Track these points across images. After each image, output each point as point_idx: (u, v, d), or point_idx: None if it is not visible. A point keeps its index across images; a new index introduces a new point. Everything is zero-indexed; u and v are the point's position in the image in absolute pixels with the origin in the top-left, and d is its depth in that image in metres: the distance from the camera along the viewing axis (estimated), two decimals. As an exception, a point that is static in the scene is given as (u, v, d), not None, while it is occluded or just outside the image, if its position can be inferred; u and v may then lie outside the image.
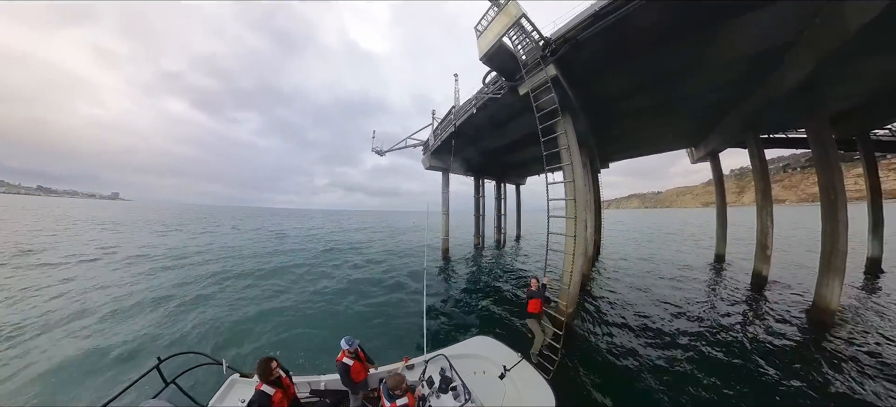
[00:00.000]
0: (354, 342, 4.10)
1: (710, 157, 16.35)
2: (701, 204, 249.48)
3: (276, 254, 20.27)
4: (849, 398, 5.24)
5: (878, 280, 12.13)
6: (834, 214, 7.93)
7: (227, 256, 19.00)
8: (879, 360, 6.34)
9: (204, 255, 19.08)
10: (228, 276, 13.89)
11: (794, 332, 7.76)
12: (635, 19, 6.37)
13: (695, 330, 8.00)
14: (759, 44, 7.41)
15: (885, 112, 12.21)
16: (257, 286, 12.50)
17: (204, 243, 24.52)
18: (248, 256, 18.93)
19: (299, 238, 30.55)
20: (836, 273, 7.88)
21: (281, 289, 12.30)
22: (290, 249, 22.43)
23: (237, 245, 24.02)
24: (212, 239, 27.80)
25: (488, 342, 4.96)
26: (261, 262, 17.25)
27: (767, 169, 12.08)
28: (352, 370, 3.99)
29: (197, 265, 16.01)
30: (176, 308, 9.74)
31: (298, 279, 13.79)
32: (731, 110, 11.83)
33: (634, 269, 15.72)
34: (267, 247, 23.55)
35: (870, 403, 5.12)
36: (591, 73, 8.56)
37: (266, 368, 3.49)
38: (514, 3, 7.34)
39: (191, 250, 20.61)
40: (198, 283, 12.67)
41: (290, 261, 17.72)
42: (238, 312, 9.48)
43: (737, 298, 10.56)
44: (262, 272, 14.71)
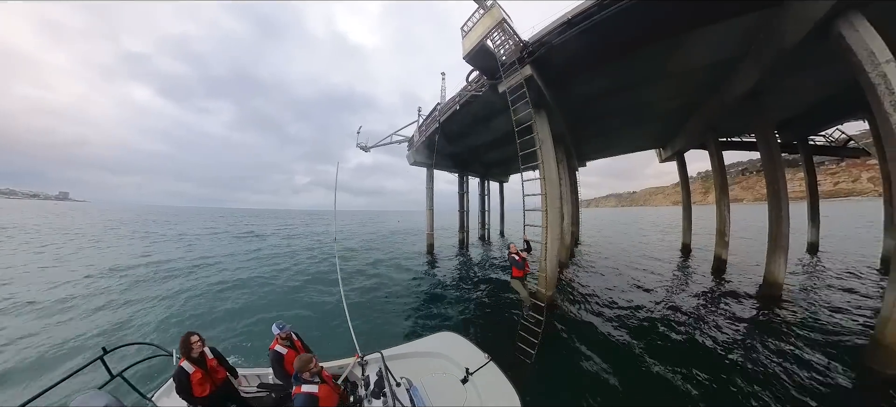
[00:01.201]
0: (286, 327, 3.55)
1: (677, 157, 17.54)
2: (671, 202, 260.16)
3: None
4: (791, 350, 6.04)
5: (816, 259, 14.10)
6: (778, 203, 8.93)
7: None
8: (814, 318, 7.35)
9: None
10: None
11: (751, 302, 8.73)
12: (603, 28, 6.74)
13: (664, 303, 8.80)
14: (714, 55, 8.30)
15: (820, 121, 13.81)
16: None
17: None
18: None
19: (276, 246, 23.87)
20: (781, 252, 8.86)
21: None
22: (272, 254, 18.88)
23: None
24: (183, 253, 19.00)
25: (452, 339, 4.23)
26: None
27: (725, 167, 13.20)
28: (285, 360, 3.45)
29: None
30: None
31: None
32: (693, 114, 12.90)
33: (611, 256, 16.68)
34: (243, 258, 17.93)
35: (807, 352, 5.93)
36: (566, 75, 8.98)
37: (186, 343, 3.17)
38: (497, 7, 7.72)
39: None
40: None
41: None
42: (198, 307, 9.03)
43: (700, 277, 11.58)
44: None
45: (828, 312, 7.92)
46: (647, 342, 6.49)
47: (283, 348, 3.52)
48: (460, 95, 11.70)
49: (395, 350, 4.04)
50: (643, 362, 5.75)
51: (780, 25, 6.54)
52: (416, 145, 17.80)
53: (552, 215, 8.06)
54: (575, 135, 14.92)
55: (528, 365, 5.50)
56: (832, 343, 6.26)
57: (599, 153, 21.59)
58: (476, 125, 14.09)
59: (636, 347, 6.28)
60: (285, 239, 28.54)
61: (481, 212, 27.37)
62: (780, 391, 4.82)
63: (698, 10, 6.62)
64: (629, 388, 5.02)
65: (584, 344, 6.44)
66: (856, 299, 8.79)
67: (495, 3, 7.80)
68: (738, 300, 8.99)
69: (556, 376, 5.44)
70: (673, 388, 4.99)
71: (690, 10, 6.59)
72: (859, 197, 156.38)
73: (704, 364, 5.62)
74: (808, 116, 13.38)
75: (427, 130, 15.62)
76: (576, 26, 6.98)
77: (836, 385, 4.98)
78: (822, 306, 8.29)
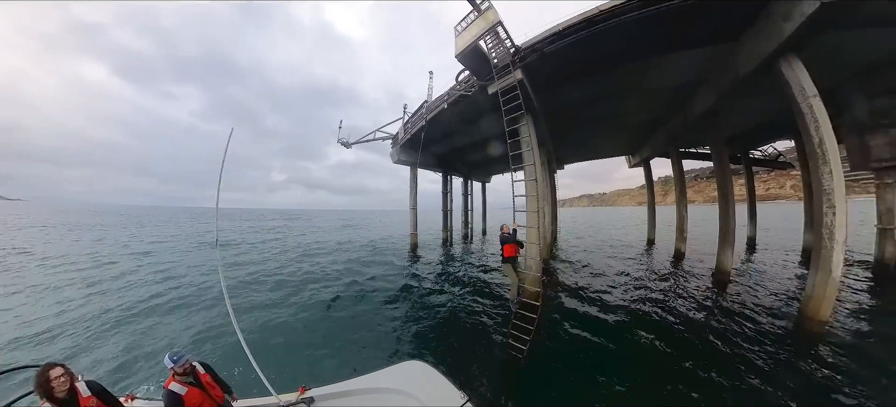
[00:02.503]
0: (184, 357, 2.58)
1: (644, 164, 19.11)
2: (636, 203, 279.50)
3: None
4: (740, 320, 7.13)
5: (754, 252, 15.97)
6: (726, 205, 10.20)
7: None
8: (756, 295, 8.68)
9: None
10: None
11: (706, 284, 10.02)
12: (590, 43, 7.06)
13: (637, 289, 9.84)
14: (681, 77, 9.35)
15: (759, 139, 15.75)
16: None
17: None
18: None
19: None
20: (729, 246, 10.16)
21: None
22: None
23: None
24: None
25: (421, 372, 3.17)
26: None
27: (684, 173, 14.70)
28: (185, 401, 2.50)
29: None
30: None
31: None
32: (659, 127, 14.23)
33: (585, 250, 17.92)
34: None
35: (745, 329, 7.04)
36: (552, 83, 9.17)
37: (43, 381, 2.22)
38: (492, 10, 7.49)
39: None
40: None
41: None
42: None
43: (663, 266, 12.89)
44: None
45: (766, 291, 9.29)
46: (624, 323, 7.24)
47: (182, 386, 2.53)
48: (449, 94, 11.34)
49: (342, 386, 3.14)
50: (623, 340, 6.36)
51: (735, 59, 7.60)
52: (400, 143, 16.55)
53: (537, 214, 8.01)
54: (556, 139, 15.53)
55: (520, 361, 5.44)
56: (771, 312, 7.50)
57: (577, 157, 22.88)
58: (462, 125, 13.79)
59: (616, 328, 6.96)
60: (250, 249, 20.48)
61: (465, 211, 26.91)
62: (735, 346, 5.87)
63: (670, 38, 7.37)
64: (616, 367, 5.40)
65: (570, 332, 6.72)
66: (786, 282, 10.28)
67: (491, 7, 7.60)
68: (697, 284, 10.23)
69: (548, 369, 5.44)
70: (652, 357, 5.80)
71: (664, 37, 7.30)
72: (784, 200, 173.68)
73: (673, 333, 6.57)
74: (750, 134, 15.18)
75: (413, 128, 14.74)
76: (566, 38, 7.21)
77: (776, 336, 6.20)
78: (761, 287, 9.67)
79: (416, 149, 15.67)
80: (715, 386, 4.78)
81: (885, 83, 9.05)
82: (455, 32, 8.21)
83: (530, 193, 7.86)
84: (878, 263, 10.65)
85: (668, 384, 4.83)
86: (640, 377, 5.10)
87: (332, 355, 6.12)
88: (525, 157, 7.99)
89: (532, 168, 8.04)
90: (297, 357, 6.06)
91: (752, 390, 4.65)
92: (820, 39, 6.11)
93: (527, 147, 8.05)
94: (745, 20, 6.76)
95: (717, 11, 6.47)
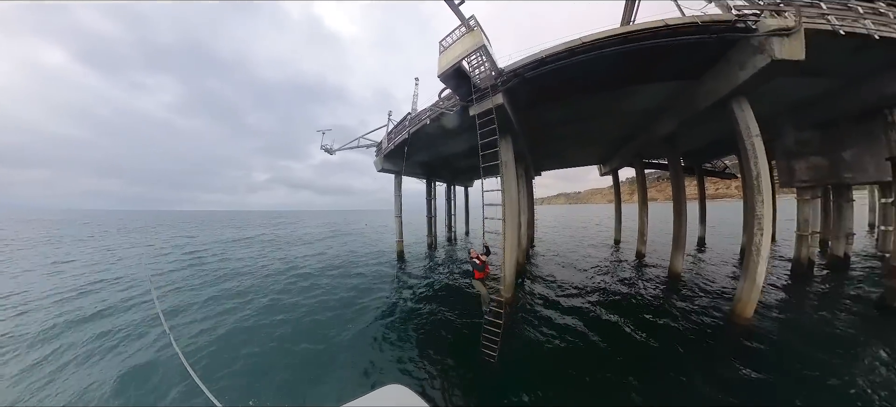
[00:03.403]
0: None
1: (612, 172, 20.46)
2: (607, 201, 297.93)
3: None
4: (688, 312, 8.18)
5: (704, 249, 17.53)
6: (680, 213, 11.35)
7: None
8: (703, 290, 9.86)
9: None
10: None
11: (659, 285, 11.09)
12: (571, 70, 7.26)
13: (597, 292, 10.70)
14: (649, 105, 10.19)
15: (708, 155, 17.43)
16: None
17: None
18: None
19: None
20: (680, 250, 11.36)
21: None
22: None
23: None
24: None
25: (399, 395, 2.89)
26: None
27: (646, 183, 16.02)
28: None
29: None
30: None
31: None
32: (627, 143, 15.32)
33: (560, 251, 19.04)
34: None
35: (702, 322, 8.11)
36: (533, 104, 9.41)
37: None
38: (478, 30, 7.13)
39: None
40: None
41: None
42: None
43: (626, 268, 14.08)
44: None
45: (711, 286, 10.62)
46: (587, 322, 7.91)
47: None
48: (431, 111, 10.83)
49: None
50: (585, 339, 7.01)
51: (696, 94, 8.44)
52: (383, 152, 15.74)
53: (510, 226, 8.04)
54: (534, 152, 15.95)
55: (493, 364, 5.71)
56: (712, 306, 8.76)
57: (554, 165, 23.88)
58: (445, 139, 13.40)
59: (584, 323, 7.70)
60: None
61: (448, 215, 26.85)
62: (682, 332, 6.90)
63: (645, 72, 8.04)
64: (582, 360, 6.03)
65: (542, 330, 7.20)
66: (727, 279, 11.68)
67: (477, 26, 7.21)
68: (653, 284, 11.35)
69: (519, 369, 5.80)
70: (616, 342, 6.65)
71: (640, 71, 7.94)
72: (730, 199, 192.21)
73: (634, 322, 7.54)
74: (702, 151, 16.74)
75: (396, 138, 14.14)
76: (547, 65, 7.30)
77: (714, 327, 7.28)
78: (706, 282, 11.00)
79: (399, 158, 15.07)
80: (663, 375, 5.62)
81: (810, 119, 10.48)
82: (440, 48, 7.72)
83: (509, 213, 7.92)
84: (797, 262, 12.35)
85: (623, 375, 5.62)
86: (598, 371, 5.81)
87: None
88: (502, 175, 8.03)
89: (507, 186, 8.14)
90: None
91: (690, 379, 5.52)
92: (764, 85, 7.03)
93: (503, 166, 7.91)
94: (707, 63, 7.52)
95: (685, 53, 7.12)
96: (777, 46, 5.92)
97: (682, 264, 11.47)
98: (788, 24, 5.88)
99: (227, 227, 48.89)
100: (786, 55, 5.90)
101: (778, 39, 5.92)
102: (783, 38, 5.90)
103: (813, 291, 10.22)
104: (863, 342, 6.54)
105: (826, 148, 10.67)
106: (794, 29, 5.84)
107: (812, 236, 11.83)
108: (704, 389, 5.34)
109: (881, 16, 6.74)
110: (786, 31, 5.87)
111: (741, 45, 6.54)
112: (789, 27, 5.85)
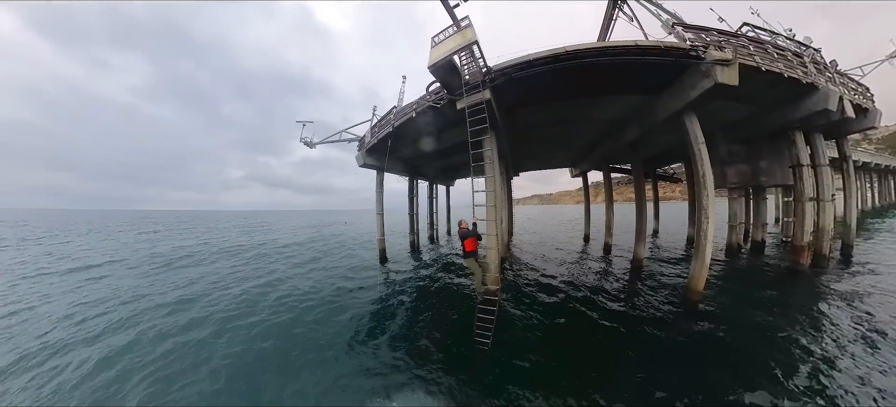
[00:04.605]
0: None
1: (582, 175, 22.26)
2: (575, 202, 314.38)
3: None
4: (649, 293, 9.46)
5: (657, 239, 20.00)
6: (641, 210, 12.93)
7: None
8: (660, 273, 11.22)
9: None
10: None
11: (625, 270, 12.56)
12: (553, 76, 7.57)
13: (573, 279, 11.93)
14: (616, 114, 11.43)
15: (663, 161, 19.72)
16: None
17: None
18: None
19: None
20: (642, 240, 12.90)
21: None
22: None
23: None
24: None
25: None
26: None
27: (611, 184, 17.75)
28: None
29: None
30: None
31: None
32: (596, 148, 16.93)
33: (536, 244, 20.39)
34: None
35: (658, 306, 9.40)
36: (516, 105, 9.67)
37: None
38: (470, 28, 7.25)
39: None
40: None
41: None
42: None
43: (596, 257, 15.60)
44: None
45: (664, 265, 12.16)
46: (568, 307, 8.64)
47: None
48: (418, 104, 10.64)
49: None
50: (569, 321, 7.66)
51: (655, 107, 9.80)
52: (366, 146, 15.01)
53: (495, 219, 8.45)
54: (514, 152, 16.74)
55: (487, 350, 5.94)
56: (666, 285, 10.07)
57: (531, 166, 25.36)
58: (430, 134, 13.48)
59: (562, 311, 8.31)
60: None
61: (430, 213, 26.31)
62: (650, 304, 8.04)
63: (617, 84, 9.08)
64: (570, 336, 6.66)
65: (528, 313, 7.76)
66: (679, 261, 13.46)
67: (469, 25, 7.34)
68: (620, 270, 12.81)
69: (513, 352, 6.02)
70: (590, 325, 7.46)
71: (612, 83, 8.98)
72: (674, 200, 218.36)
73: (610, 300, 8.61)
74: (656, 158, 18.92)
75: (380, 132, 13.67)
76: (534, 68, 7.61)
77: (665, 306, 8.41)
78: (662, 268, 12.55)
79: (382, 154, 14.34)
80: (641, 341, 6.60)
81: (737, 135, 12.55)
82: (432, 43, 7.70)
83: (490, 203, 8.25)
84: (729, 246, 14.73)
85: (608, 343, 6.50)
86: (582, 349, 6.30)
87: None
88: (487, 170, 8.23)
89: (492, 180, 8.51)
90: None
91: (663, 337, 6.59)
92: (708, 105, 8.48)
93: (488, 161, 8.21)
94: (666, 82, 8.78)
95: (650, 70, 8.23)
96: (719, 73, 7.24)
97: (644, 252, 13.04)
98: (728, 56, 7.23)
99: (192, 232, 36.77)
100: (725, 80, 7.24)
101: (720, 68, 7.24)
102: (723, 67, 7.24)
103: (742, 266, 12.43)
104: (779, 296, 8.85)
105: (748, 158, 12.83)
106: (732, 61, 7.21)
107: (739, 226, 14.12)
108: (677, 338, 6.50)
109: (788, 61, 8.59)
110: (725, 62, 7.22)
111: (692, 70, 7.85)
112: (728, 59, 7.21)
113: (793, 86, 8.81)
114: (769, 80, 8.51)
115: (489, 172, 8.13)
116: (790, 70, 8.57)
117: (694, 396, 4.84)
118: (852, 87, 11.93)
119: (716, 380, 5.16)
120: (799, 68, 8.97)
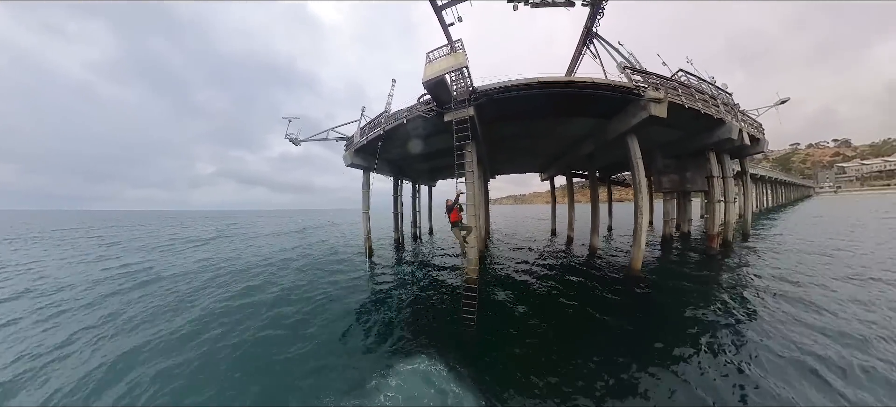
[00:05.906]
0: None
1: (549, 179, 24.42)
2: (544, 202, 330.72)
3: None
4: (601, 270, 11.23)
5: (611, 234, 22.37)
6: (596, 209, 14.96)
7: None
8: (611, 255, 13.12)
9: None
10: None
11: (584, 256, 14.43)
12: (526, 99, 8.92)
13: (545, 262, 13.63)
14: (577, 132, 13.17)
15: (616, 169, 22.31)
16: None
17: None
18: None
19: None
20: (596, 232, 15.01)
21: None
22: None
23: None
24: None
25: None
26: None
27: (573, 188, 19.91)
28: None
29: None
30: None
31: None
32: (560, 158, 18.84)
33: (510, 238, 22.11)
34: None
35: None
36: (495, 120, 10.72)
37: None
38: (463, 52, 7.89)
39: None
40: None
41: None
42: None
43: (560, 247, 17.49)
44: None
45: (615, 252, 14.25)
46: (539, 288, 10.04)
47: None
48: (409, 112, 11.04)
49: None
50: (541, 296, 9.21)
51: (606, 129, 11.52)
52: (354, 147, 14.91)
53: (474, 216, 8.97)
54: (491, 158, 18.11)
55: (472, 327, 6.72)
56: (615, 265, 12.08)
57: (507, 170, 26.98)
58: (417, 139, 13.69)
59: (533, 292, 9.63)
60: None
61: (413, 212, 26.19)
62: (601, 279, 9.91)
63: (577, 109, 10.59)
64: (537, 311, 7.63)
65: (506, 293, 8.91)
66: (626, 252, 15.58)
67: (462, 49, 7.96)
68: (579, 257, 14.67)
69: (494, 327, 6.92)
70: (557, 296, 9.00)
71: (574, 108, 10.47)
72: (626, 201, 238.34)
73: (567, 283, 10.23)
74: (609, 167, 21.43)
75: (369, 134, 13.65)
76: (511, 92, 8.90)
77: (614, 280, 10.29)
78: (612, 254, 14.61)
79: (371, 154, 14.22)
80: (596, 305, 8.15)
81: (669, 152, 15.00)
82: (427, 59, 8.13)
83: (469, 202, 8.80)
84: (664, 237, 17.45)
85: (570, 316, 7.88)
86: (552, 315, 7.64)
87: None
88: (467, 175, 8.83)
89: (472, 184, 8.96)
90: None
91: (608, 304, 8.15)
92: (646, 130, 10.33)
93: (469, 167, 8.92)
94: (615, 111, 10.43)
95: (604, 101, 9.84)
96: (653, 107, 8.98)
97: (598, 242, 15.16)
98: (660, 96, 9.00)
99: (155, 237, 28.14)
100: (657, 113, 9.00)
101: (654, 103, 8.98)
102: (657, 103, 8.98)
103: (673, 252, 15.03)
104: (700, 273, 11.19)
105: (678, 170, 15.42)
106: (663, 99, 8.98)
107: (671, 222, 16.87)
108: (623, 301, 8.29)
109: (705, 101, 11.02)
110: (658, 100, 8.97)
111: (634, 103, 9.57)
112: (660, 98, 8.97)
113: (708, 119, 11.17)
114: (691, 114, 10.61)
115: (469, 178, 8.80)
116: (706, 108, 10.83)
117: (638, 337, 6.47)
118: (750, 122, 15.02)
119: (652, 324, 7.10)
120: (713, 107, 11.35)
